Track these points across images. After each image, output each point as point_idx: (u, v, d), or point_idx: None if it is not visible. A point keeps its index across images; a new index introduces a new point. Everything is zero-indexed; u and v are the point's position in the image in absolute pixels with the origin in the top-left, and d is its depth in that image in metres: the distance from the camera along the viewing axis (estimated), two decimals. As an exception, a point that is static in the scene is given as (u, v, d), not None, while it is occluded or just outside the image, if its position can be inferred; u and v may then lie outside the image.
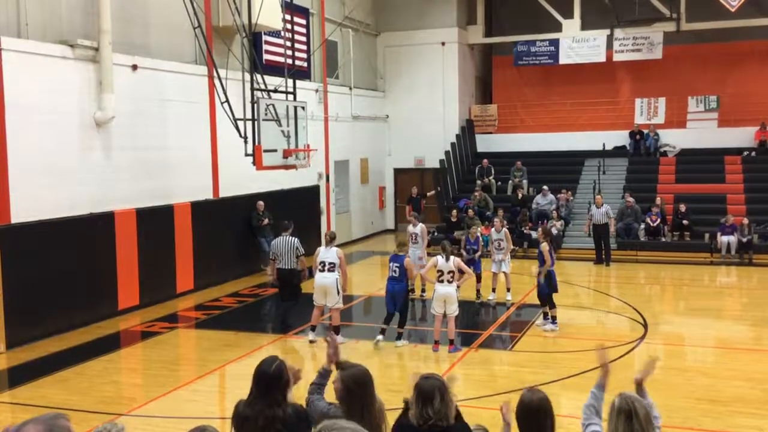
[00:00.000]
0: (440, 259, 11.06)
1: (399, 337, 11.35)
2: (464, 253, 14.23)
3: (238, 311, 14.27)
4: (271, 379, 4.23)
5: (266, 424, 4.14)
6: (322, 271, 11.35)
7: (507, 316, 13.57)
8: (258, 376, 4.30)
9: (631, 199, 20.43)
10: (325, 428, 2.68)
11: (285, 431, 4.15)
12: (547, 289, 12.14)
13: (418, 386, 4.03)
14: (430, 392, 3.96)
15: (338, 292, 11.34)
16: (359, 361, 4.57)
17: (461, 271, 11.31)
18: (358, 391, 4.17)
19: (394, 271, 11.32)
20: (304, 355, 11.27)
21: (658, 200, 20.51)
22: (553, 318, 12.21)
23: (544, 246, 12.12)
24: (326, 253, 11.39)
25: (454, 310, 11.05)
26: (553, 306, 12.23)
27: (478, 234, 14.65)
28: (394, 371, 10.56)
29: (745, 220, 19.01)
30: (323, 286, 11.37)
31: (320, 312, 11.68)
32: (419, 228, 15.03)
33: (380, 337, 11.29)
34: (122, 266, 13.58)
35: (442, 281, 11.00)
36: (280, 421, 4.15)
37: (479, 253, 14.45)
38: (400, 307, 11.35)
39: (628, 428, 3.58)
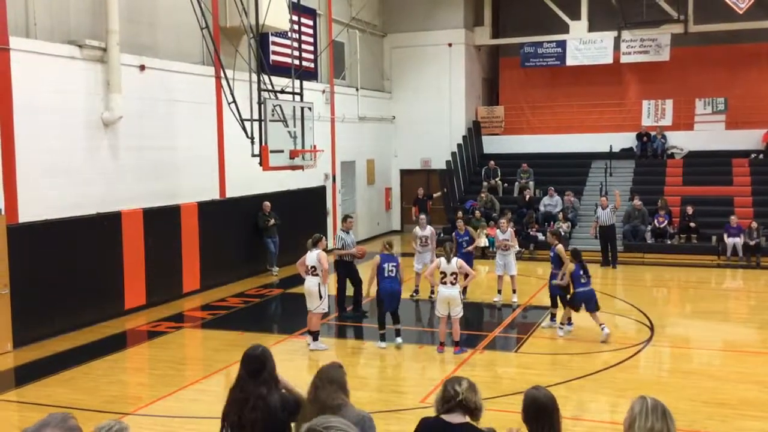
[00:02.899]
0: (443, 261, 11.07)
1: (398, 334, 11.45)
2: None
3: (244, 311, 14.30)
4: (257, 361, 4.58)
5: (255, 404, 4.48)
6: (308, 274, 11.47)
7: (513, 318, 13.55)
8: (246, 360, 4.63)
9: (638, 202, 20.39)
10: (317, 425, 2.64)
11: (267, 411, 4.46)
12: (560, 290, 12.10)
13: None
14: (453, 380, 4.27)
15: (320, 296, 11.29)
16: (363, 362, 4.61)
17: (466, 275, 11.35)
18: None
19: (391, 271, 11.47)
20: (308, 355, 11.27)
21: (659, 202, 20.45)
22: (569, 319, 12.08)
23: (560, 248, 12.18)
24: (309, 257, 11.48)
25: (458, 311, 11.04)
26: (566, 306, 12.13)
27: (467, 227, 15.02)
28: (398, 372, 10.57)
29: (754, 224, 18.94)
30: (306, 289, 11.53)
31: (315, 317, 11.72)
32: (428, 231, 15.09)
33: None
34: (129, 266, 13.62)
35: (445, 283, 10.99)
36: (262, 399, 4.47)
37: (473, 246, 14.72)
38: (397, 306, 11.51)
39: (665, 425, 3.58)
